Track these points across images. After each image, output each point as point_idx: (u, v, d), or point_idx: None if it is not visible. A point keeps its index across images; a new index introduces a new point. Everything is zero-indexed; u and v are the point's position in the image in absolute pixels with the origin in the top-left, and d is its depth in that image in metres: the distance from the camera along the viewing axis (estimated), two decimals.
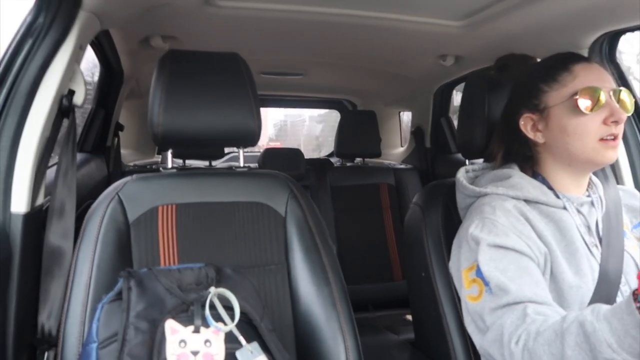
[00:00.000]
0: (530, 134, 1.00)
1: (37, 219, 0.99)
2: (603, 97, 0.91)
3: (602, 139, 0.92)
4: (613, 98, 0.93)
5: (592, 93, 0.92)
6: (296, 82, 2.62)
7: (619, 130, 0.93)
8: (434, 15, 1.47)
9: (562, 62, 0.98)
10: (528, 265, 0.88)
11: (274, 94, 3.04)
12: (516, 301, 0.83)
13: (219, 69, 1.13)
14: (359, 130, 2.49)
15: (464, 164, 1.15)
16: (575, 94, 0.93)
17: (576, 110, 0.92)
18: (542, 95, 0.98)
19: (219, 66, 1.13)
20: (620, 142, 0.96)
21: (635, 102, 1.02)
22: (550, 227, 0.95)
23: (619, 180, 1.40)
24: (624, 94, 0.94)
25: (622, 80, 1.42)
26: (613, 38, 1.40)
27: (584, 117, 0.92)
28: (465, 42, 1.64)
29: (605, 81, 0.95)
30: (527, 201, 0.97)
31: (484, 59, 1.78)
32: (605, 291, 0.90)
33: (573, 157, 0.96)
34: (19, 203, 0.94)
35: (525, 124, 1.00)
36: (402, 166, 2.67)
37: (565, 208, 0.97)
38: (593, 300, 0.89)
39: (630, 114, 0.95)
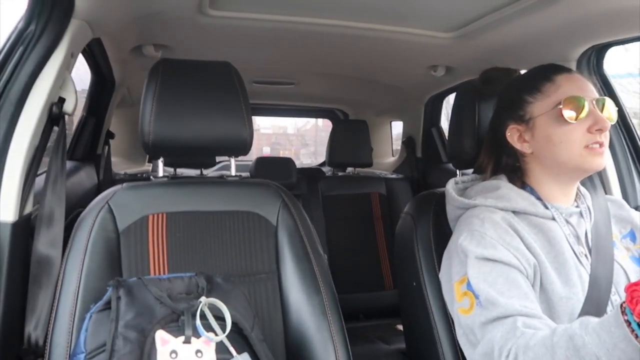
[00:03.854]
0: (517, 145, 1.01)
1: (25, 227, 0.98)
2: (586, 106, 0.93)
3: (587, 147, 0.94)
4: (596, 107, 0.94)
5: (576, 102, 0.93)
6: (288, 91, 2.62)
7: (604, 138, 0.95)
8: (425, 26, 1.48)
9: (545, 73, 1.00)
10: (517, 278, 0.88)
11: (266, 102, 3.04)
12: (505, 314, 0.83)
13: (211, 78, 1.13)
14: (350, 140, 2.50)
15: (455, 174, 1.15)
16: (559, 103, 0.94)
17: (560, 119, 0.94)
18: (526, 106, 0.99)
19: (211, 75, 1.13)
20: (607, 151, 0.97)
21: (621, 112, 1.03)
22: (539, 237, 0.96)
23: (607, 189, 1.42)
24: (608, 103, 0.96)
25: (608, 91, 1.44)
26: (600, 51, 1.43)
27: (568, 126, 0.94)
28: (455, 53, 1.66)
29: (588, 91, 0.96)
30: (515, 212, 0.98)
31: (474, 69, 1.80)
32: (595, 301, 0.91)
33: (561, 165, 0.97)
34: (7, 211, 0.93)
35: (512, 135, 1.01)
36: (394, 176, 2.68)
37: (554, 218, 0.98)
38: (583, 310, 0.89)
39: (613, 123, 0.97)
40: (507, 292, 0.85)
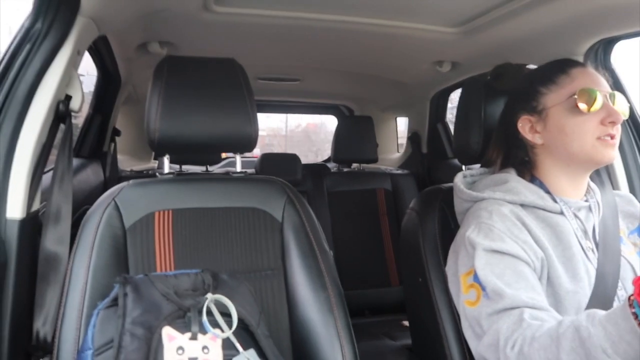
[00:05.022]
0: (529, 136, 1.01)
1: (33, 224, 0.99)
2: (600, 98, 0.94)
3: (599, 138, 0.94)
4: (609, 100, 0.95)
5: (590, 94, 0.94)
6: (293, 88, 2.62)
7: (616, 131, 0.95)
8: (430, 21, 1.47)
9: (560, 66, 1.01)
10: (524, 270, 0.88)
11: (271, 99, 3.04)
12: (512, 306, 0.83)
13: (216, 75, 1.13)
14: (355, 136, 2.49)
15: (460, 170, 1.15)
16: (574, 94, 0.95)
17: (574, 110, 0.94)
18: (540, 97, 1.00)
19: (216, 72, 1.13)
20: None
21: (630, 108, 1.04)
22: (547, 231, 0.96)
23: (614, 185, 1.41)
24: (619, 98, 0.96)
25: (617, 86, 1.43)
26: (608, 45, 1.41)
27: (582, 117, 0.94)
28: (461, 48, 1.65)
29: (601, 85, 0.97)
30: (523, 205, 0.98)
31: (480, 65, 1.79)
32: (602, 296, 0.91)
33: (572, 157, 0.97)
34: (15, 208, 0.93)
35: (524, 126, 1.02)
36: (399, 171, 2.68)
37: (562, 212, 0.98)
38: (590, 305, 0.89)
39: (626, 118, 0.97)
40: (514, 284, 0.86)
